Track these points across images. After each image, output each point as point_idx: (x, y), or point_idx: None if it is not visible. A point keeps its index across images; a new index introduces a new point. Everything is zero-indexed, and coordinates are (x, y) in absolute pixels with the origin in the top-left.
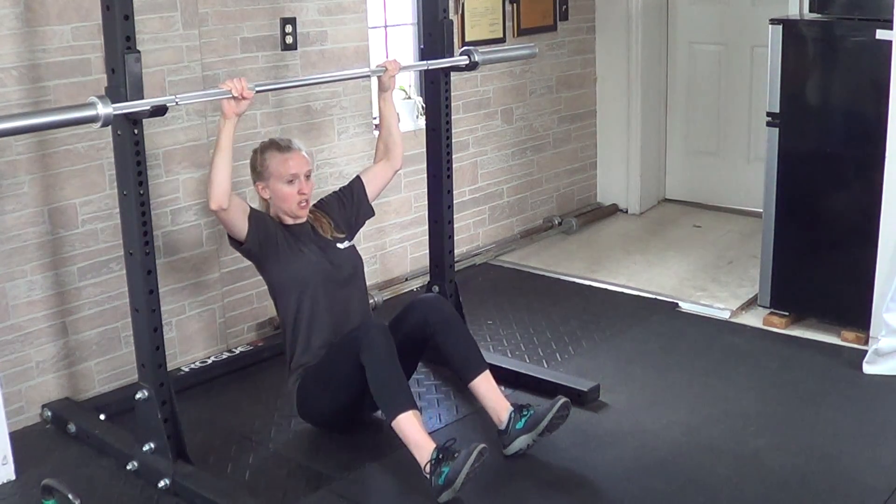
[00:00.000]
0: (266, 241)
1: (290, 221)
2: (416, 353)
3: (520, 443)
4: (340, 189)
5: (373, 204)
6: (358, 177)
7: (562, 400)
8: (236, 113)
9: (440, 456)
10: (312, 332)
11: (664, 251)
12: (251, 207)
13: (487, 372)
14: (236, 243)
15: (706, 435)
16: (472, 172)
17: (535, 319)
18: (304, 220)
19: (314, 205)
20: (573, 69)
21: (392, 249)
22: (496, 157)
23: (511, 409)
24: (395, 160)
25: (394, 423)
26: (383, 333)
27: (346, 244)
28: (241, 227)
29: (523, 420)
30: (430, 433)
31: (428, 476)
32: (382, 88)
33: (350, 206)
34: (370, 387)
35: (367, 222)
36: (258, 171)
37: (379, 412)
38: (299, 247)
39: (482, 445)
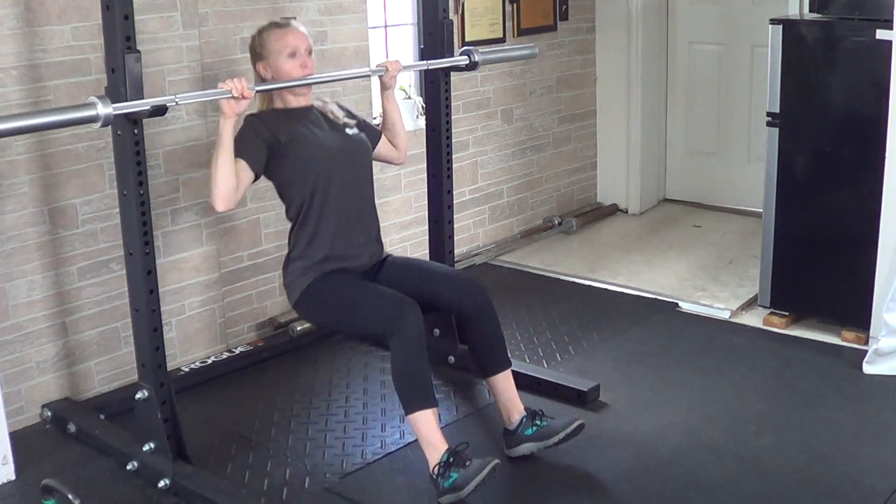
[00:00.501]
0: (267, 151)
1: (294, 104)
2: (423, 308)
3: (525, 448)
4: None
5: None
6: (381, 132)
7: (577, 422)
8: (236, 113)
9: (450, 459)
10: (322, 220)
11: (664, 251)
12: (244, 151)
13: (509, 371)
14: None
15: (706, 435)
16: (472, 172)
17: (535, 319)
18: (309, 103)
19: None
20: (573, 69)
21: (392, 249)
22: (496, 157)
23: (524, 413)
24: (400, 153)
25: (410, 417)
26: (418, 321)
27: (355, 131)
28: (249, 181)
29: (534, 429)
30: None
31: (434, 476)
32: (383, 88)
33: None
34: (393, 373)
35: None
36: (258, 52)
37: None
38: (300, 127)
39: (497, 461)
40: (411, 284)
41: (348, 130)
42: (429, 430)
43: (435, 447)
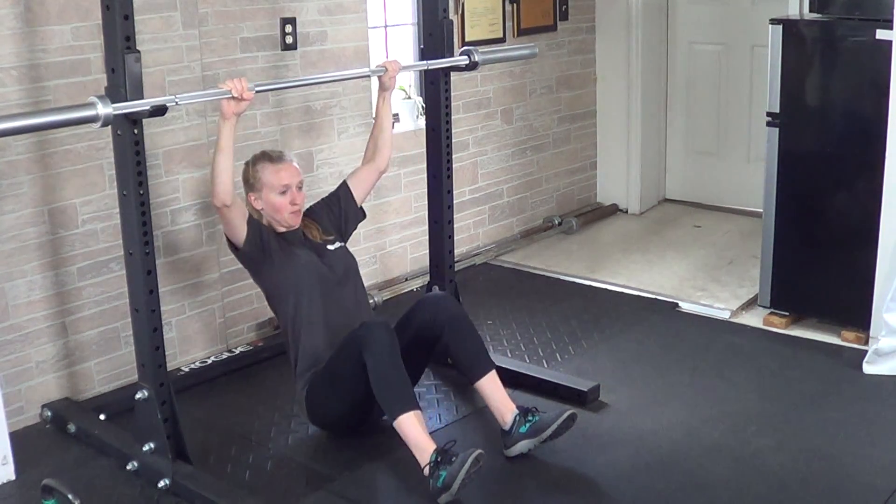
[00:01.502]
0: (262, 246)
1: (282, 230)
2: (426, 353)
3: (521, 447)
4: (327, 196)
5: (364, 206)
6: (344, 182)
7: (569, 411)
8: (236, 113)
9: (439, 458)
10: (313, 335)
11: (664, 251)
12: (249, 214)
13: (494, 372)
14: (234, 247)
15: (706, 435)
16: (472, 172)
17: (535, 319)
18: (296, 227)
19: (303, 213)
20: (573, 69)
21: (392, 249)
22: (496, 157)
23: (516, 411)
24: (381, 161)
25: (395, 423)
26: (386, 331)
27: (336, 245)
28: (241, 230)
29: (527, 425)
30: (430, 433)
31: (427, 477)
32: (382, 88)
33: (338, 211)
34: (372, 386)
35: (365, 223)
36: (250, 183)
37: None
38: (292, 250)
39: (479, 451)
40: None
41: (329, 247)
42: (414, 432)
43: (423, 449)
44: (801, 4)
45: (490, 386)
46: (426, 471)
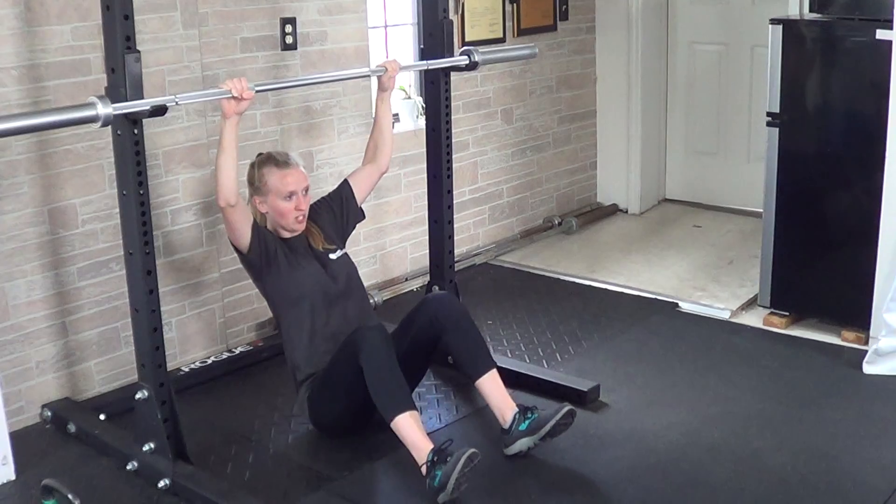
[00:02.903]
0: (267, 254)
1: (286, 235)
2: (427, 354)
3: (521, 444)
4: (329, 195)
5: (364, 206)
6: (346, 181)
7: (567, 407)
8: (237, 112)
9: (435, 458)
10: (313, 342)
11: (664, 251)
12: (255, 220)
13: (495, 371)
14: (237, 251)
15: (706, 435)
16: (472, 172)
17: (535, 319)
18: (300, 233)
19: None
20: (573, 69)
21: (392, 249)
22: (496, 157)
23: (516, 409)
24: (382, 162)
25: (392, 424)
26: (380, 334)
27: (338, 254)
28: (245, 235)
29: (527, 422)
30: (429, 433)
31: (425, 477)
32: (382, 88)
33: (339, 212)
34: (369, 388)
35: (365, 223)
36: (256, 187)
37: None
38: (297, 260)
39: (472, 450)
40: (396, 343)
41: (332, 256)
42: (411, 433)
43: (420, 448)
44: (801, 4)
45: (490, 385)
46: (424, 470)
